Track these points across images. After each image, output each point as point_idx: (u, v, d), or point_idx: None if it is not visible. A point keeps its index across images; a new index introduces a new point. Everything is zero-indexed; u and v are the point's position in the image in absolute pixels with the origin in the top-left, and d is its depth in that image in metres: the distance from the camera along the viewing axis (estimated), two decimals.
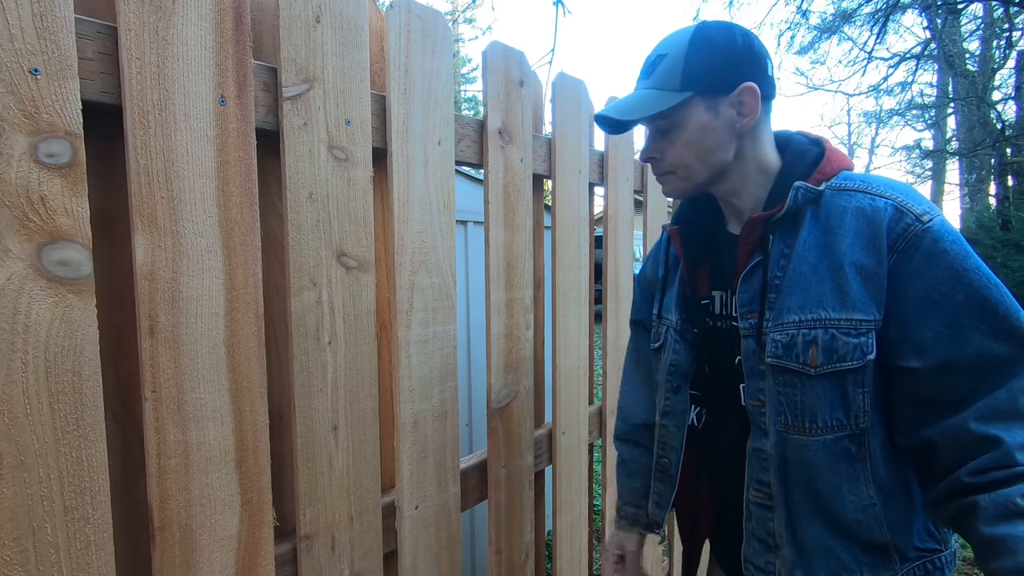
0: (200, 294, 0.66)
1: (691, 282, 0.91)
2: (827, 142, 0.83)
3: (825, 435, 0.73)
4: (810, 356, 0.72)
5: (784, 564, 0.77)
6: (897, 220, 0.70)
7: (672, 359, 0.92)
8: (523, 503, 1.20)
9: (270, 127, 0.74)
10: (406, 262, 0.90)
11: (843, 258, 0.72)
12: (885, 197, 0.72)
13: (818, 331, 0.72)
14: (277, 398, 0.81)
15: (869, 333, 0.70)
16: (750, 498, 0.81)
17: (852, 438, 0.73)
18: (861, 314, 0.70)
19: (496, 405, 1.11)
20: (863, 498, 0.73)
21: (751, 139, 0.81)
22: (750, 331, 0.79)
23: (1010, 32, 7.91)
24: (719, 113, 0.78)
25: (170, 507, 0.65)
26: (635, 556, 1.01)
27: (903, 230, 0.69)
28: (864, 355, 0.70)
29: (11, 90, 0.53)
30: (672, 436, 0.93)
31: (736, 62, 0.77)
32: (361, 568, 0.86)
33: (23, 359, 0.54)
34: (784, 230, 0.78)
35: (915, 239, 0.68)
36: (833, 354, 0.71)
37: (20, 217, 0.53)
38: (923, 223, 0.69)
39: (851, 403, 0.72)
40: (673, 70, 0.77)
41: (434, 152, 0.94)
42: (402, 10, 0.87)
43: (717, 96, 0.77)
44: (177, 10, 0.63)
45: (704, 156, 0.80)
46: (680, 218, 0.94)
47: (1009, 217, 8.42)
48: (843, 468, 0.73)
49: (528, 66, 1.14)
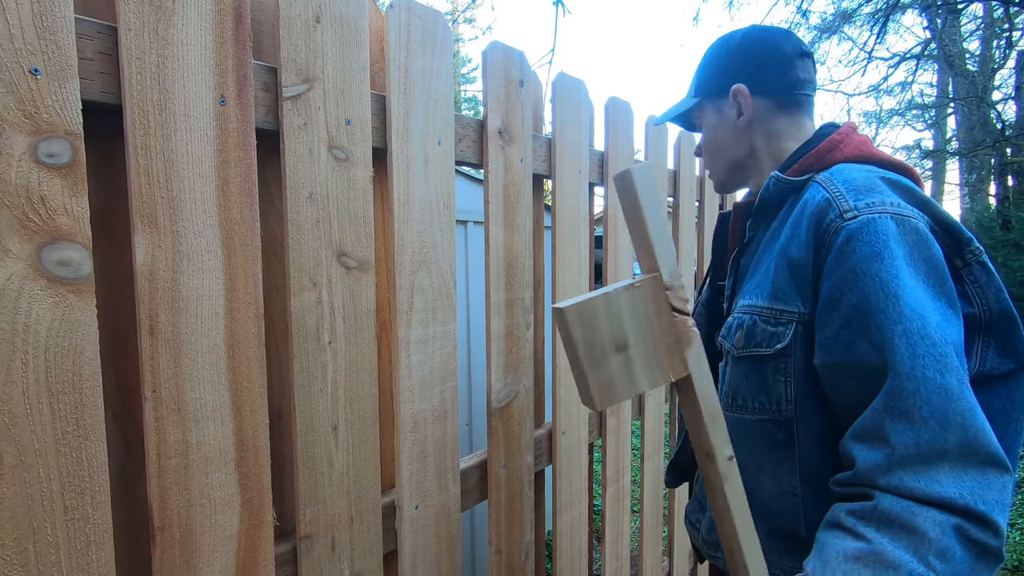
0: (200, 294, 0.66)
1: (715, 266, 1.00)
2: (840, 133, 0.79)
3: (750, 415, 0.76)
4: (736, 338, 0.77)
5: (706, 522, 0.89)
6: (824, 215, 0.68)
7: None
8: (523, 503, 1.20)
9: (270, 127, 0.74)
10: (406, 262, 0.90)
11: (781, 249, 0.74)
12: (828, 190, 0.70)
13: (746, 316, 0.76)
14: (277, 398, 0.81)
15: (789, 324, 0.71)
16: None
17: (777, 424, 0.74)
18: (783, 304, 0.72)
19: (496, 405, 1.11)
20: (783, 485, 0.75)
21: (763, 134, 0.86)
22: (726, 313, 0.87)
23: (1010, 32, 7.91)
24: (722, 113, 0.88)
25: (170, 507, 0.65)
26: None
27: (826, 226, 0.68)
28: (776, 343, 0.72)
29: (11, 90, 0.53)
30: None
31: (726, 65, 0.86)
32: (361, 568, 0.86)
33: (23, 359, 0.54)
34: (760, 219, 0.83)
35: (833, 236, 0.67)
36: (752, 339, 0.75)
37: (20, 217, 0.53)
38: (844, 220, 0.66)
39: (771, 389, 0.73)
40: (694, 79, 0.92)
41: (434, 152, 0.94)
42: (402, 10, 0.87)
43: (718, 98, 0.88)
44: (177, 10, 0.63)
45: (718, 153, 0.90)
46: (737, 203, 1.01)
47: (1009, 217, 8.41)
48: (767, 451, 0.76)
49: (528, 66, 1.14)
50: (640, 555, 1.82)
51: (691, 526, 0.94)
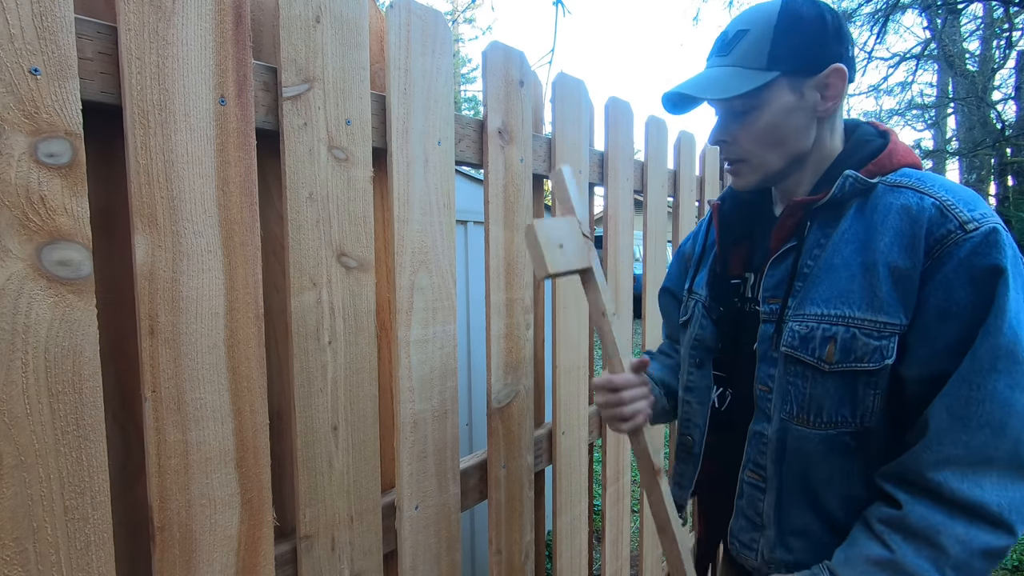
0: (200, 294, 0.66)
1: (723, 260, 0.89)
2: (894, 135, 0.78)
3: (828, 429, 0.73)
4: (827, 352, 0.71)
5: (767, 542, 0.80)
6: (939, 224, 0.66)
7: (697, 333, 0.91)
8: (523, 503, 1.20)
9: (270, 127, 0.74)
10: (406, 262, 0.90)
11: (879, 257, 0.69)
12: (934, 197, 0.68)
13: (839, 328, 0.70)
14: (277, 398, 0.81)
15: (892, 337, 0.68)
16: (744, 477, 0.82)
17: (853, 435, 0.72)
18: (887, 317, 0.68)
19: (496, 405, 1.11)
20: (853, 490, 0.73)
21: (830, 126, 0.77)
22: (770, 316, 0.78)
23: (1010, 32, 7.91)
24: (803, 95, 0.73)
25: (170, 507, 0.65)
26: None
27: (943, 235, 0.66)
28: (883, 359, 0.68)
29: (11, 90, 0.52)
30: (695, 413, 0.92)
31: (827, 40, 0.72)
32: (361, 568, 0.86)
33: (23, 359, 0.54)
34: (824, 219, 0.75)
35: (952, 246, 0.65)
36: (851, 353, 0.69)
37: (20, 217, 0.53)
38: (965, 231, 0.65)
39: (859, 403, 0.71)
40: (758, 47, 0.72)
41: (434, 152, 0.94)
42: (402, 10, 0.87)
43: (804, 77, 0.73)
44: (177, 10, 0.63)
45: (782, 142, 0.76)
46: (728, 194, 0.92)
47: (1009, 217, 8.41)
48: (837, 460, 0.73)
49: (528, 66, 1.14)
50: (640, 555, 1.82)
51: (743, 547, 0.83)
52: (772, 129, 0.75)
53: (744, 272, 0.87)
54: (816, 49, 0.72)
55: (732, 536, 0.85)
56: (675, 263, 1.11)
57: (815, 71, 0.72)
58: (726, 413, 0.88)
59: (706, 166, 2.07)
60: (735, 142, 0.78)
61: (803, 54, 0.72)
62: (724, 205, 0.91)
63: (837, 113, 0.77)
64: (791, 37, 0.71)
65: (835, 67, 0.72)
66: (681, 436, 0.96)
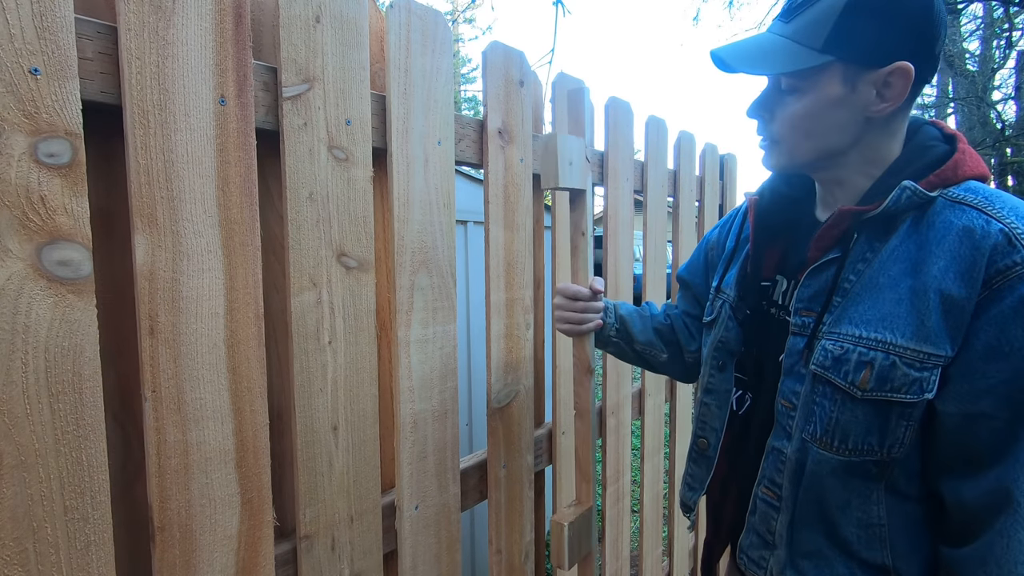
0: (200, 294, 0.66)
1: (756, 260, 0.83)
2: (963, 141, 0.70)
3: (851, 457, 0.68)
4: (862, 377, 0.65)
5: (777, 562, 0.77)
6: (1005, 253, 0.59)
7: (722, 336, 0.87)
8: (523, 503, 1.20)
9: (270, 127, 0.74)
10: (406, 262, 0.90)
11: (931, 282, 0.62)
12: (1003, 222, 0.61)
13: (878, 353, 0.64)
14: (277, 398, 0.81)
15: (935, 369, 0.62)
16: (759, 493, 0.79)
17: (877, 463, 0.68)
18: (932, 347, 0.62)
19: (496, 405, 1.11)
20: (871, 516, 0.70)
21: (882, 129, 0.68)
22: (802, 330, 0.73)
23: (1010, 32, 7.91)
24: (856, 89, 0.65)
25: (170, 507, 0.65)
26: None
27: (1007, 267, 0.59)
28: (922, 392, 0.63)
29: (11, 90, 0.52)
30: (713, 416, 0.89)
31: (902, 32, 0.62)
32: (361, 568, 0.86)
33: (23, 359, 0.54)
34: (873, 232, 0.68)
35: (1016, 281, 0.58)
36: (888, 382, 0.64)
37: (20, 217, 0.53)
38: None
39: (889, 434, 0.66)
40: (821, 23, 0.63)
41: (434, 152, 0.94)
42: (402, 10, 0.87)
43: (861, 69, 0.64)
44: (177, 10, 0.63)
45: (816, 134, 0.68)
46: (767, 188, 0.85)
47: None
48: (857, 486, 0.70)
49: (528, 66, 1.14)
50: (640, 555, 1.82)
51: (752, 564, 0.80)
52: (809, 118, 0.68)
53: (776, 275, 0.81)
54: (884, 39, 0.62)
55: (741, 551, 0.83)
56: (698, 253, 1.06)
57: (876, 65, 0.63)
58: (743, 417, 0.86)
59: (706, 166, 2.07)
60: (772, 120, 0.72)
61: (867, 43, 0.62)
62: (762, 200, 0.84)
63: (897, 115, 0.68)
64: (860, 19, 0.61)
65: (899, 65, 0.62)
66: (696, 438, 0.93)
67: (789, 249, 0.81)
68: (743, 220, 0.92)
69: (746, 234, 0.90)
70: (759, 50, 0.68)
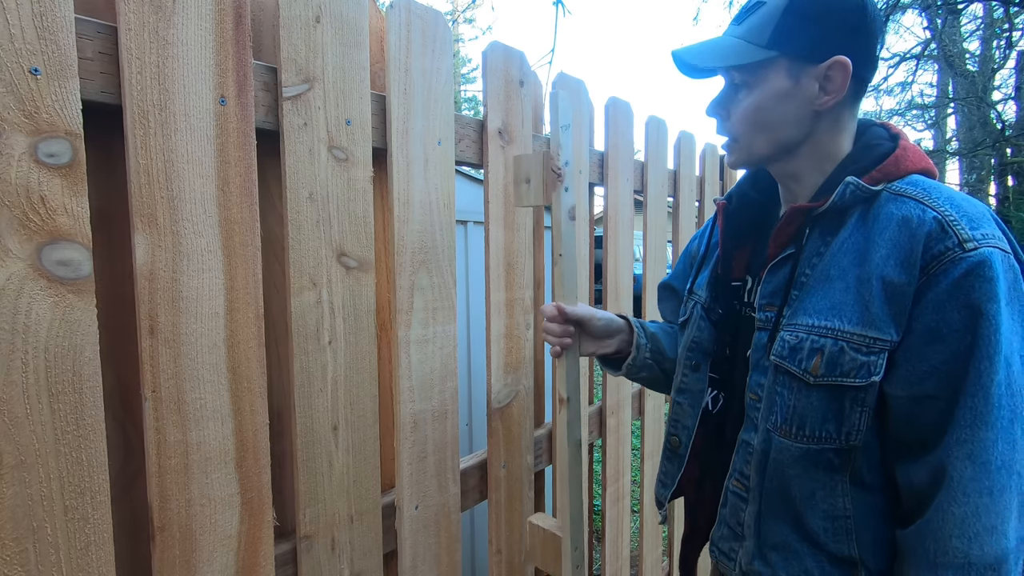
0: (200, 294, 0.66)
1: (726, 261, 0.86)
2: (905, 139, 0.74)
3: (810, 444, 0.71)
4: (813, 364, 0.69)
5: (746, 554, 0.78)
6: (938, 239, 0.63)
7: (695, 336, 0.90)
8: (523, 503, 1.19)
9: (270, 127, 0.74)
10: (406, 262, 0.90)
11: (874, 270, 0.66)
12: (936, 210, 0.65)
13: (828, 340, 0.68)
14: (277, 398, 0.81)
15: (881, 353, 0.66)
16: (729, 486, 0.81)
17: (838, 452, 0.70)
18: (877, 332, 0.66)
19: (496, 405, 1.11)
20: (836, 508, 0.71)
21: (830, 122, 0.73)
22: (765, 324, 0.76)
23: (1010, 32, 7.91)
24: (799, 82, 0.70)
25: (170, 507, 0.65)
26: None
27: (940, 252, 0.63)
28: (870, 375, 0.66)
29: (11, 90, 0.53)
30: (685, 415, 0.91)
31: (837, 30, 0.67)
32: (361, 568, 0.86)
33: (23, 359, 0.54)
34: (825, 227, 0.72)
35: (948, 265, 0.62)
36: (837, 367, 0.67)
37: (20, 217, 0.53)
38: (964, 250, 0.62)
39: (845, 419, 0.69)
40: (765, 23, 0.69)
41: (434, 152, 0.94)
42: (402, 10, 0.87)
43: (803, 63, 0.69)
44: (177, 10, 0.63)
45: (769, 127, 0.72)
46: (735, 193, 0.89)
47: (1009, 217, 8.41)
48: (820, 476, 0.71)
49: (528, 66, 1.14)
50: (640, 555, 1.82)
51: (723, 556, 0.83)
52: (760, 111, 0.72)
53: (745, 275, 0.85)
54: (822, 36, 0.67)
55: (712, 543, 0.85)
56: (681, 261, 1.09)
57: (816, 60, 0.68)
58: (717, 416, 0.87)
59: (706, 166, 2.07)
60: (728, 118, 0.76)
61: (807, 39, 0.68)
62: (730, 204, 0.88)
63: (842, 111, 0.72)
64: (800, 18, 0.67)
65: (837, 59, 0.67)
66: (669, 436, 0.96)
67: (756, 249, 0.85)
68: (713, 225, 0.96)
69: (716, 239, 0.92)
70: (713, 49, 0.73)
